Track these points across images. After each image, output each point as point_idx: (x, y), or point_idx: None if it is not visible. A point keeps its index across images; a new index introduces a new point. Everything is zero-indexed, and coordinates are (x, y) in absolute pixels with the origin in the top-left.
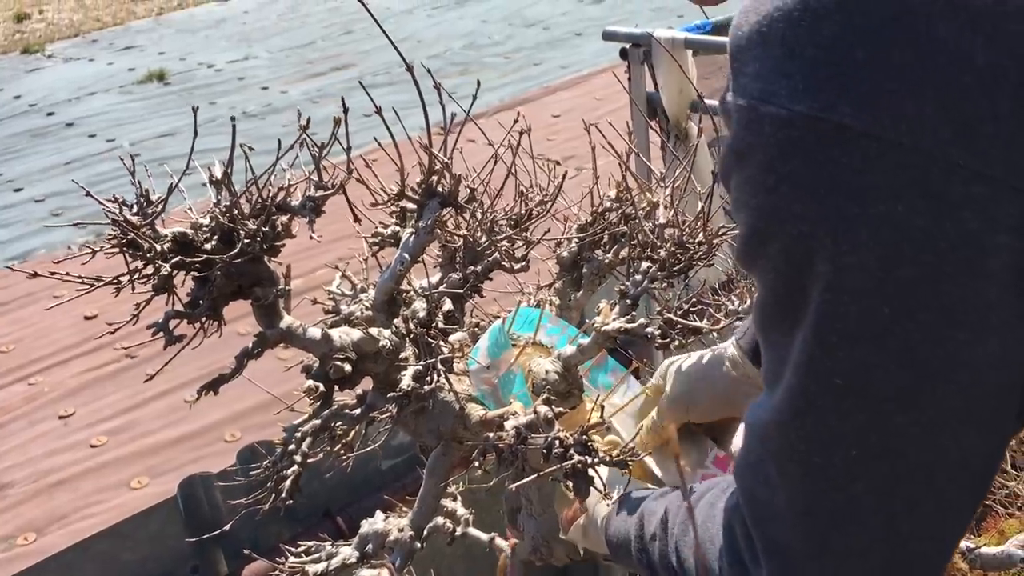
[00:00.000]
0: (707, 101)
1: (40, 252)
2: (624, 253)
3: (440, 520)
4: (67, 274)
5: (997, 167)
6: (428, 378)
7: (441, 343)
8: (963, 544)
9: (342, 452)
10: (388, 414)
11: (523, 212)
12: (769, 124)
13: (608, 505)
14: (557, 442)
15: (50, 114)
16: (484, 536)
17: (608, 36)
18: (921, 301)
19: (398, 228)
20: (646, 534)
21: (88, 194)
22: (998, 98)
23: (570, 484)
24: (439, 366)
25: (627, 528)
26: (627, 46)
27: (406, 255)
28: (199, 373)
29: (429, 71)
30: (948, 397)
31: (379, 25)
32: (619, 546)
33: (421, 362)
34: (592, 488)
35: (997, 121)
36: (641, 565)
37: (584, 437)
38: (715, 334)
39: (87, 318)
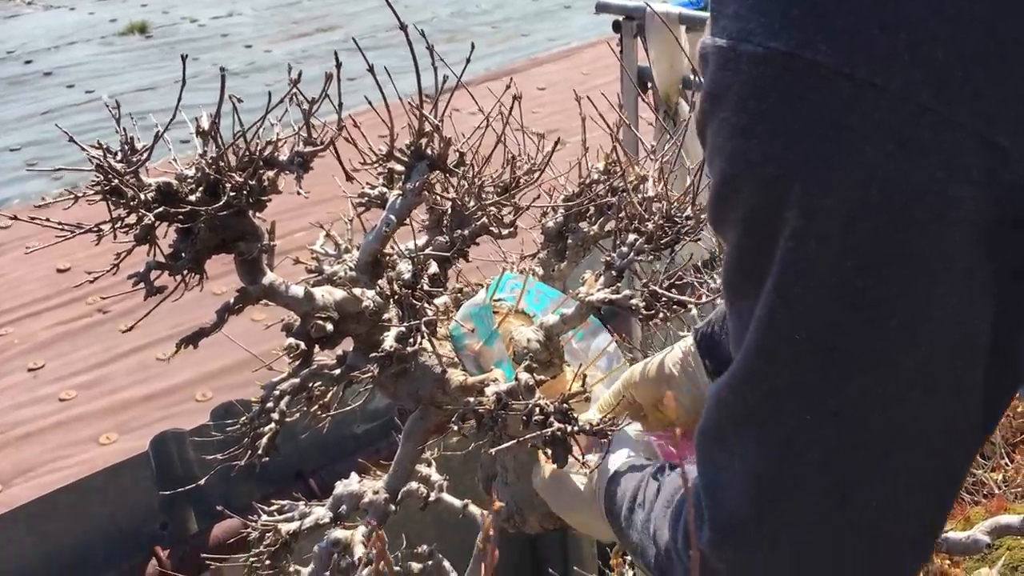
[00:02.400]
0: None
1: (15, 202)
2: (610, 226)
3: (414, 485)
4: (47, 219)
5: (965, 114)
6: (411, 340)
7: (426, 305)
8: None
9: (319, 413)
10: (369, 374)
11: (512, 179)
12: (745, 63)
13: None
14: (538, 409)
15: (28, 62)
16: (458, 502)
17: (601, 8)
18: (886, 252)
19: (385, 190)
20: (636, 500)
21: (71, 139)
22: (969, 43)
23: (548, 452)
24: (423, 328)
25: (624, 490)
26: (620, 18)
27: (392, 217)
28: (172, 331)
29: (423, 33)
30: (908, 359)
31: None
32: (615, 506)
33: (404, 323)
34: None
35: (967, 66)
36: (627, 527)
37: (565, 405)
38: (697, 309)
39: (60, 271)
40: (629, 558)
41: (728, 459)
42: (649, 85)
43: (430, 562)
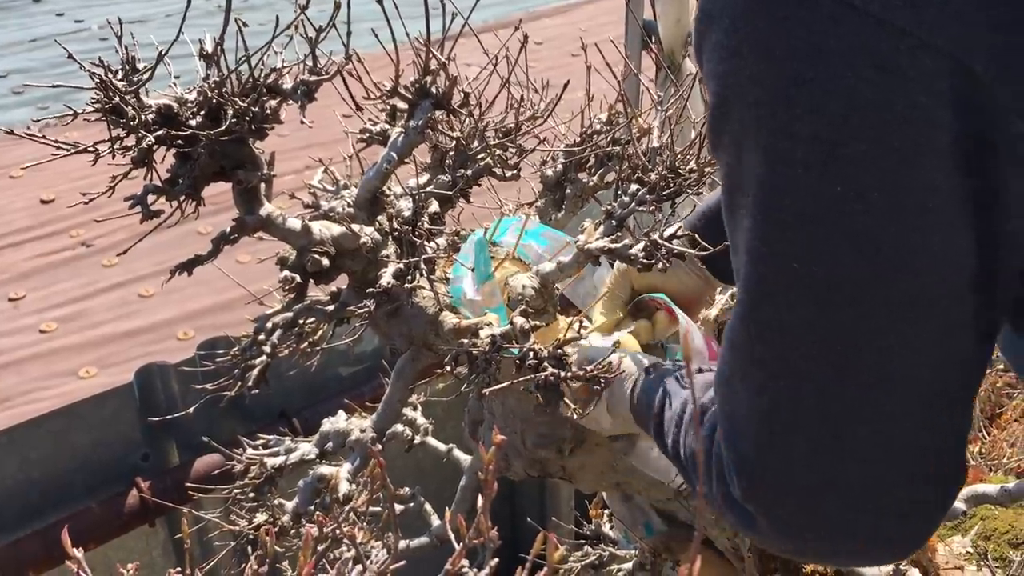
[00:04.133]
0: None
1: None
2: (610, 177)
3: (400, 428)
4: (44, 137)
5: (942, 37)
6: (409, 276)
7: (426, 243)
8: None
9: (307, 350)
10: (365, 309)
11: (515, 123)
12: None
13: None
14: (532, 353)
15: None
16: (443, 447)
17: None
18: (871, 180)
19: (387, 127)
20: (665, 416)
21: (70, 56)
22: None
23: (540, 396)
24: (422, 265)
25: (649, 401)
26: None
27: (394, 154)
28: (155, 268)
29: None
30: (897, 289)
31: None
32: (640, 414)
33: (403, 260)
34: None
35: None
36: (657, 438)
37: (559, 351)
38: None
39: (43, 202)
40: (608, 510)
41: (737, 407)
42: (651, 40)
43: (411, 504)
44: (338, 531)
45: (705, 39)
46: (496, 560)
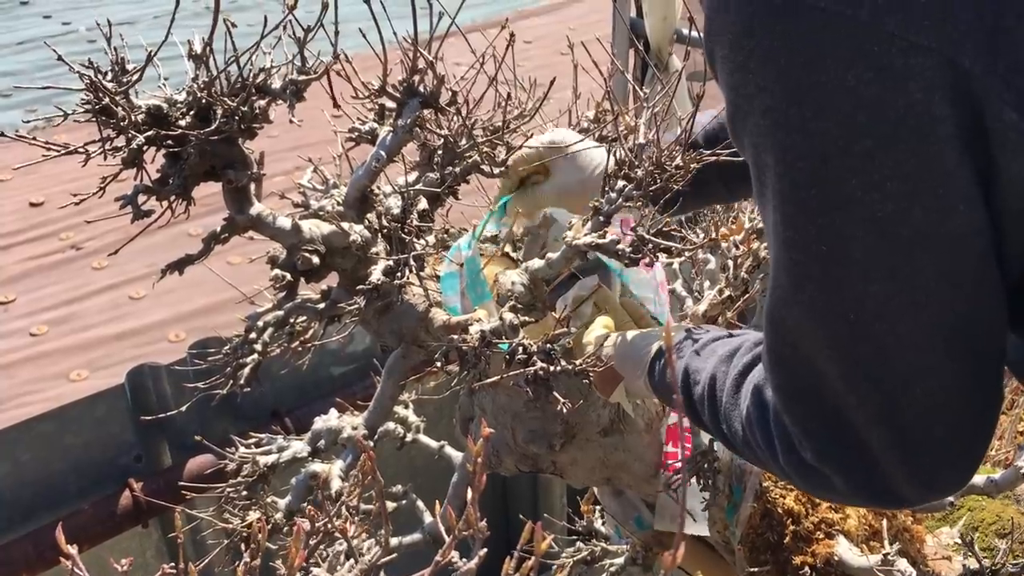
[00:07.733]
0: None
1: None
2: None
3: (391, 425)
4: (34, 138)
5: (931, 38)
6: (399, 273)
7: (415, 240)
8: None
9: (299, 349)
10: (355, 307)
11: (504, 121)
12: (734, 4)
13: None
14: (521, 348)
15: None
16: (434, 444)
17: None
18: (885, 171)
19: (376, 125)
20: (694, 394)
21: (60, 58)
22: None
23: (529, 391)
24: (411, 262)
25: (673, 380)
26: None
27: (382, 153)
28: (146, 271)
29: None
30: (923, 268)
31: None
32: (664, 393)
33: (392, 257)
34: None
35: None
36: (691, 416)
37: (548, 346)
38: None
39: (33, 204)
40: (600, 505)
41: (789, 377)
42: (640, 38)
43: (404, 502)
44: (329, 525)
45: (714, 53)
46: (484, 550)
